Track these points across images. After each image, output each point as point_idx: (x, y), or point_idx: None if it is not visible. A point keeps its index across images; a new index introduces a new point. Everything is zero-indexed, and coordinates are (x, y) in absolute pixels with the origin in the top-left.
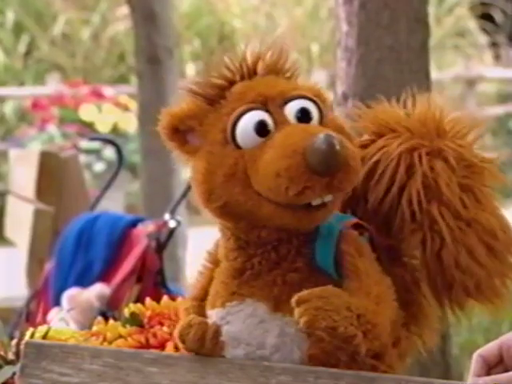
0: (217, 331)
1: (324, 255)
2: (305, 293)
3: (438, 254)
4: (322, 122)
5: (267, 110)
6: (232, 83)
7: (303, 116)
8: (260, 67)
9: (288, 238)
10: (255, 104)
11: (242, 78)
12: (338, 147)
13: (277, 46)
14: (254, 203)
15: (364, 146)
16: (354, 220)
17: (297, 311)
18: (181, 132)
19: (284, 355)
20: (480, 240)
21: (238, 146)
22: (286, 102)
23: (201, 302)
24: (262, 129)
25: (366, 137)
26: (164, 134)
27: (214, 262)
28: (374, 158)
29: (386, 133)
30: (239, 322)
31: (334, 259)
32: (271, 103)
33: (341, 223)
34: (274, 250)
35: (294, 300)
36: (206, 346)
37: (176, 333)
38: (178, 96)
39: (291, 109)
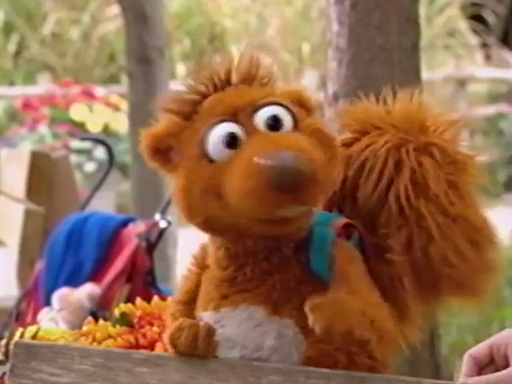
0: (209, 331)
1: (319, 262)
2: (318, 299)
3: (426, 249)
4: (296, 127)
5: (237, 121)
6: (205, 97)
7: (274, 123)
8: (232, 78)
9: (277, 246)
10: (225, 116)
11: (215, 91)
12: (301, 167)
13: (248, 54)
14: (231, 216)
15: (347, 145)
16: (344, 221)
17: (312, 317)
18: (162, 151)
19: (282, 357)
20: (465, 236)
21: (211, 160)
22: (255, 111)
23: (187, 305)
24: (232, 141)
25: (348, 135)
26: (146, 155)
27: (201, 266)
28: (362, 157)
29: (369, 130)
30: (234, 325)
31: (328, 265)
32: (241, 114)
33: (331, 224)
34: (266, 259)
35: (307, 306)
36: (198, 347)
37: (166, 338)
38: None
39: (261, 117)
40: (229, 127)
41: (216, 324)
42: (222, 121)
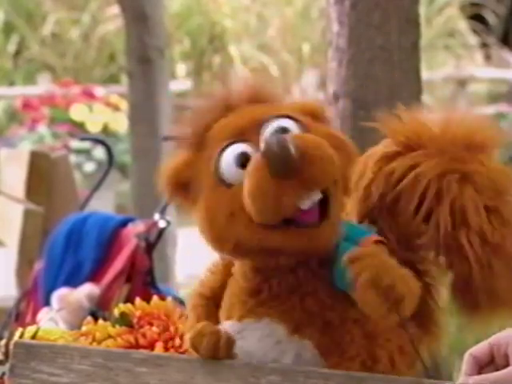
0: (229, 341)
1: (343, 279)
2: (355, 251)
3: (466, 278)
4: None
5: (246, 140)
6: (211, 125)
7: (282, 133)
8: (237, 101)
9: (306, 260)
10: (233, 138)
11: (221, 117)
12: (284, 141)
13: (251, 79)
14: (260, 236)
15: (389, 158)
16: (374, 238)
17: (354, 269)
18: (182, 185)
19: None
20: (506, 265)
21: (228, 185)
22: (262, 126)
23: (209, 301)
24: (243, 161)
25: (392, 147)
26: (167, 191)
27: (227, 266)
28: (404, 179)
29: (415, 147)
30: (254, 339)
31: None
32: (248, 132)
33: (359, 241)
34: (292, 273)
35: (345, 259)
36: (219, 355)
37: (188, 339)
38: (168, 96)
39: (268, 131)
40: (239, 148)
41: (237, 334)
42: (231, 143)
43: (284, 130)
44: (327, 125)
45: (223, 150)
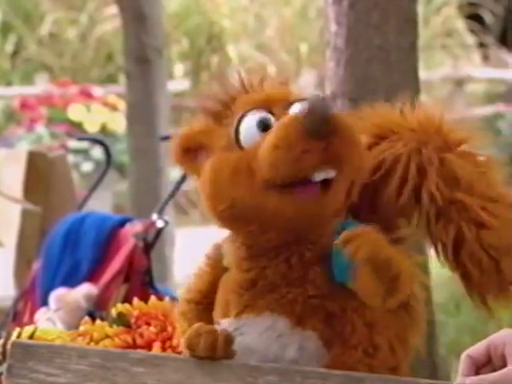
0: (228, 338)
1: (341, 270)
2: (349, 231)
3: (479, 238)
4: None
5: (271, 112)
6: (236, 99)
7: None
8: (267, 85)
9: (298, 250)
10: (259, 106)
11: (246, 93)
12: (331, 107)
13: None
14: (259, 198)
15: (366, 149)
16: (364, 228)
17: (350, 247)
18: (191, 151)
19: None
20: (505, 220)
21: (241, 147)
22: (291, 104)
23: (198, 305)
24: (265, 125)
25: (366, 139)
26: (175, 154)
27: (214, 266)
28: (381, 162)
29: (388, 135)
30: (255, 334)
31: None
32: (275, 106)
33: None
34: (286, 262)
35: (341, 239)
36: (217, 354)
37: (183, 341)
38: (166, 96)
39: (294, 109)
40: (263, 114)
41: (235, 331)
42: (255, 109)
43: None
44: None
45: (246, 112)
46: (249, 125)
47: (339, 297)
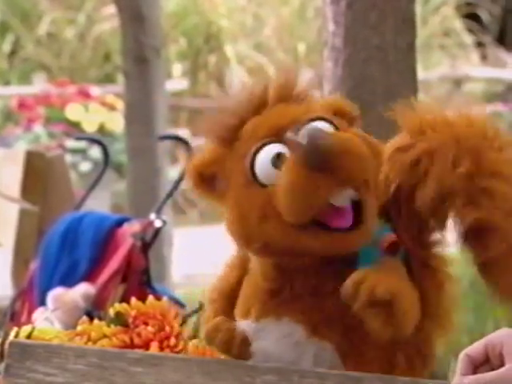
0: (244, 340)
1: None
2: (358, 273)
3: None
4: None
5: (282, 141)
6: (244, 121)
7: None
8: (269, 98)
9: (329, 261)
10: (269, 138)
11: (254, 113)
12: (330, 141)
13: (284, 71)
14: (291, 238)
15: (404, 149)
16: (392, 237)
17: (365, 287)
18: (206, 179)
19: None
20: None
21: (262, 185)
22: (299, 129)
23: (224, 295)
24: (280, 161)
25: (406, 139)
26: (192, 185)
27: (243, 260)
28: (421, 165)
29: (425, 131)
30: (272, 339)
31: None
32: (284, 133)
33: (379, 241)
34: (316, 274)
35: (349, 282)
36: (232, 352)
37: (203, 332)
38: (164, 95)
39: (303, 135)
40: (275, 148)
41: (254, 334)
42: (267, 143)
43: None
44: (355, 125)
45: (259, 149)
46: (263, 163)
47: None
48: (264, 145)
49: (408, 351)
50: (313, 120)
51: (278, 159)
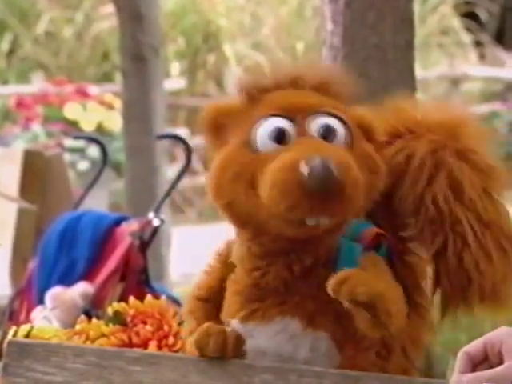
0: (238, 339)
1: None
2: (343, 273)
3: (459, 255)
4: (351, 145)
5: (292, 120)
6: (274, 88)
7: (326, 133)
8: (304, 81)
9: (298, 257)
10: (282, 111)
11: (284, 87)
12: (334, 173)
13: (333, 67)
14: (253, 205)
15: (382, 148)
16: (374, 231)
17: (346, 287)
18: (218, 126)
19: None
20: (496, 243)
21: (255, 150)
22: (312, 115)
23: (207, 303)
24: (279, 136)
25: (380, 137)
26: (203, 127)
27: (224, 263)
28: (396, 160)
29: (403, 133)
30: (266, 337)
31: None
32: (297, 114)
33: (361, 236)
34: (287, 268)
35: (335, 280)
36: (227, 354)
37: (192, 342)
38: (162, 94)
39: (315, 123)
40: (282, 122)
41: (246, 333)
42: (278, 115)
43: (329, 129)
44: (373, 144)
45: (268, 117)
46: (264, 132)
47: None
48: (274, 115)
49: (401, 337)
50: (329, 114)
51: (278, 133)
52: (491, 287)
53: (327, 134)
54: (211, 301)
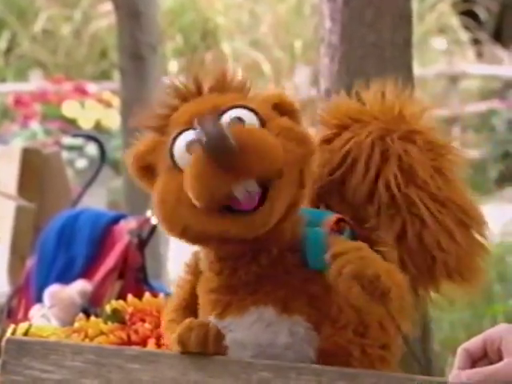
0: (218, 333)
1: (316, 262)
2: (338, 247)
3: (420, 236)
4: (264, 124)
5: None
6: (174, 109)
7: (236, 123)
8: (204, 88)
9: (264, 248)
10: (188, 125)
11: (183, 102)
12: (225, 131)
13: (219, 65)
14: (202, 222)
15: (328, 141)
16: (335, 217)
17: (337, 264)
18: (145, 169)
19: (296, 353)
20: (455, 219)
21: (179, 170)
22: (219, 116)
23: (183, 311)
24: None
25: (327, 131)
26: (133, 175)
27: (194, 273)
28: (345, 150)
29: (349, 124)
30: (244, 329)
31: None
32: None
33: (323, 223)
34: (255, 262)
35: (329, 255)
36: (209, 347)
37: (175, 338)
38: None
39: (224, 121)
40: (191, 135)
41: (224, 329)
42: (186, 129)
43: (239, 120)
44: (294, 118)
45: (178, 135)
46: (179, 149)
47: (319, 279)
48: (182, 131)
49: (378, 313)
50: (235, 107)
51: (192, 145)
52: (456, 262)
53: (237, 123)
54: (189, 308)
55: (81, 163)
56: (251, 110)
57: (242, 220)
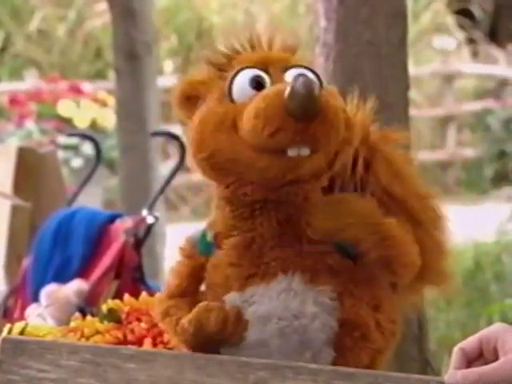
0: (239, 313)
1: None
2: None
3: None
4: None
5: (267, 72)
6: (239, 54)
7: None
8: (274, 46)
9: (282, 207)
10: (255, 64)
11: (252, 49)
12: (316, 92)
13: (293, 35)
14: (236, 149)
15: None
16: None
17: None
18: (191, 100)
19: (322, 322)
20: (435, 217)
21: (232, 101)
22: (287, 68)
23: (180, 298)
24: (257, 83)
25: None
26: (176, 101)
27: (189, 256)
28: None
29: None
30: (269, 299)
31: None
32: (272, 66)
33: None
34: (276, 221)
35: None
36: (228, 329)
37: (189, 319)
38: (156, 92)
39: (290, 74)
40: (257, 72)
41: (244, 303)
42: (252, 67)
43: (304, 75)
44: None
45: (241, 69)
46: (242, 80)
47: (334, 255)
48: (248, 67)
49: (388, 292)
50: (303, 67)
51: (256, 81)
52: (422, 265)
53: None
54: (184, 296)
55: (76, 162)
56: (315, 73)
57: (280, 160)
